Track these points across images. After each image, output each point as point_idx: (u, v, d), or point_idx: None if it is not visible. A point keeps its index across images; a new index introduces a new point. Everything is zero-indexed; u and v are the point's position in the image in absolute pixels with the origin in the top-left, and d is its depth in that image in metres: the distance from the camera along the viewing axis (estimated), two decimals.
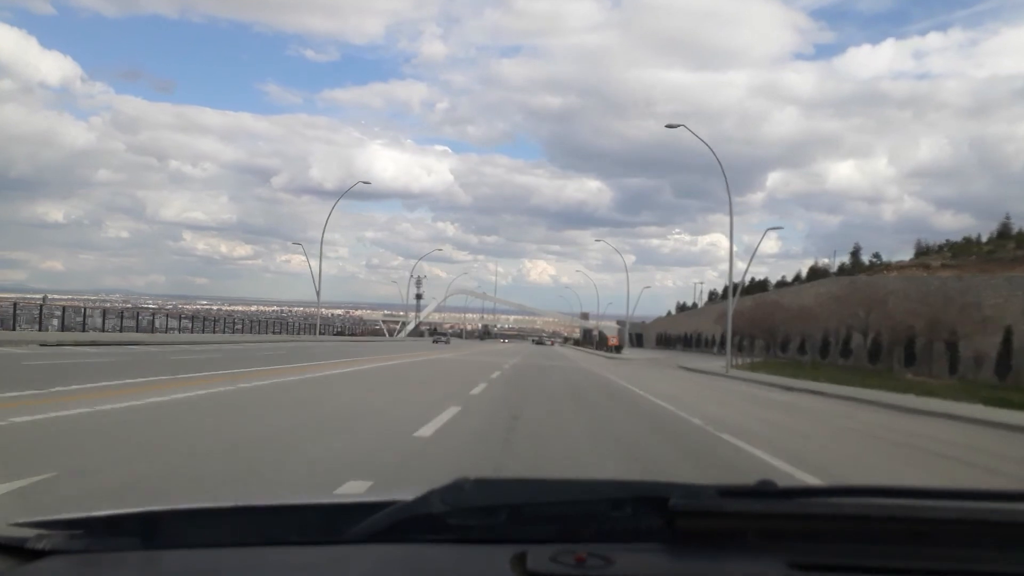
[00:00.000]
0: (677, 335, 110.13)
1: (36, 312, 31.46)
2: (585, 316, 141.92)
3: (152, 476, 4.42)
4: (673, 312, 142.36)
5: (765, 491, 1.01)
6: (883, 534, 0.96)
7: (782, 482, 1.02)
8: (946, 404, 15.74)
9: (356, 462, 5.22)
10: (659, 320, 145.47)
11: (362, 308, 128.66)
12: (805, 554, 0.94)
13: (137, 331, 34.08)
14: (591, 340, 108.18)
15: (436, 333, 69.87)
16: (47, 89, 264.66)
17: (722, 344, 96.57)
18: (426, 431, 7.08)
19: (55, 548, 1.02)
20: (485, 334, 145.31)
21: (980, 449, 9.41)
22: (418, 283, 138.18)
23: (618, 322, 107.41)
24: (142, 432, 6.15)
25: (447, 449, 6.14)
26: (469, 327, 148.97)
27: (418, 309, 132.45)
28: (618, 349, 59.77)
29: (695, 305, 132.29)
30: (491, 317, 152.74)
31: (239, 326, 50.68)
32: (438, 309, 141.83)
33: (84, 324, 33.46)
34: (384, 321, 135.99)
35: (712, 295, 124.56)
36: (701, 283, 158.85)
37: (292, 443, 5.98)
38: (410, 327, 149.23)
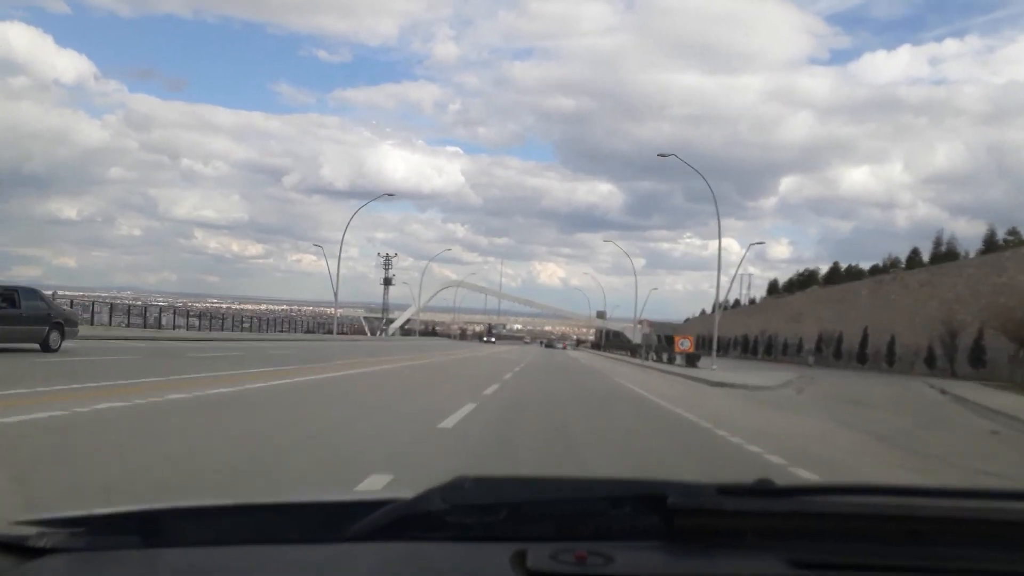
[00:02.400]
0: (727, 338, 78.40)
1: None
2: (602, 315, 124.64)
3: None
4: (707, 311, 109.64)
5: (764, 489, 1.02)
6: (882, 532, 0.98)
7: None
8: None
9: None
10: (694, 321, 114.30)
11: (374, 308, 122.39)
12: (804, 552, 0.95)
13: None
14: (621, 344, 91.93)
15: None
16: (62, 87, 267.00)
17: (819, 351, 61.79)
18: None
19: (56, 546, 1.04)
20: (489, 334, 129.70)
21: None
22: (386, 263, 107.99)
23: (639, 322, 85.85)
24: None
25: None
26: (479, 327, 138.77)
27: (386, 296, 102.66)
28: (691, 360, 29.67)
29: (737, 303, 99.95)
30: (497, 318, 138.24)
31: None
32: (445, 309, 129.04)
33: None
34: (366, 318, 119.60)
35: (774, 287, 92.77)
36: (750, 274, 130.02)
37: None
38: (396, 324, 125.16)
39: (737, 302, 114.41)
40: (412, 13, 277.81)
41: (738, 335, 75.38)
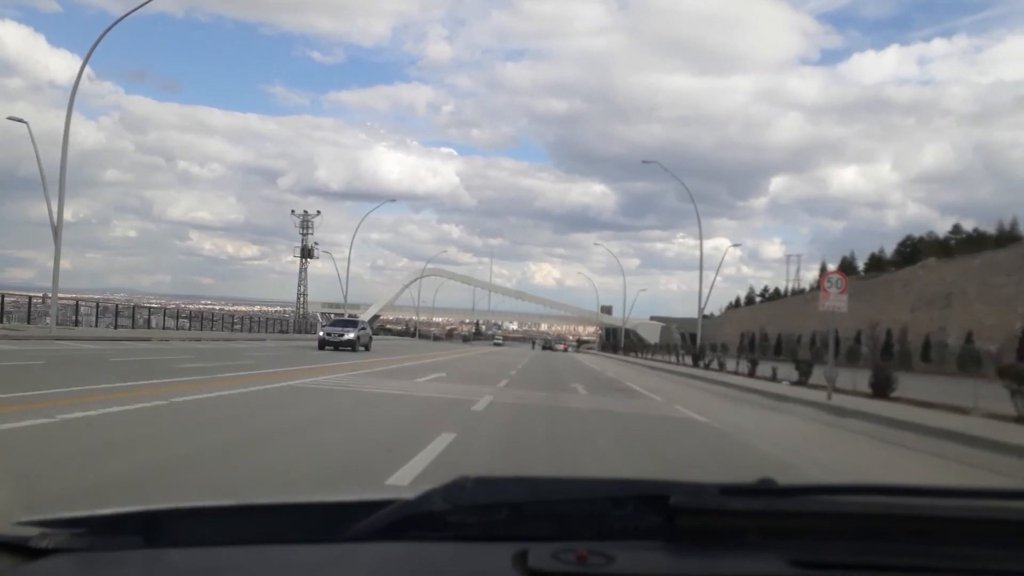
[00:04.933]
0: (792, 335, 52.02)
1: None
2: (608, 310, 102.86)
3: None
4: (738, 303, 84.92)
5: (766, 489, 1.05)
6: (884, 532, 1.00)
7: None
8: None
9: None
10: (731, 314, 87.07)
11: (338, 304, 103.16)
12: (806, 552, 0.96)
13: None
14: (631, 344, 75.36)
15: None
16: (56, 88, 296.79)
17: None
18: None
19: (58, 546, 1.06)
20: (476, 335, 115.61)
21: None
22: (304, 224, 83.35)
23: (653, 318, 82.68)
24: None
25: None
26: (468, 325, 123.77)
27: (304, 273, 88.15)
28: None
29: (774, 293, 73.62)
30: (486, 313, 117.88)
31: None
32: (433, 307, 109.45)
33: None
34: (323, 314, 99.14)
35: (849, 266, 65.55)
36: (798, 256, 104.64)
37: None
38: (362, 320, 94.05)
39: (776, 292, 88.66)
40: (405, 13, 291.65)
41: (818, 330, 49.27)
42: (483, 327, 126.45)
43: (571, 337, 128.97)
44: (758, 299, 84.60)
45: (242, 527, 1.11)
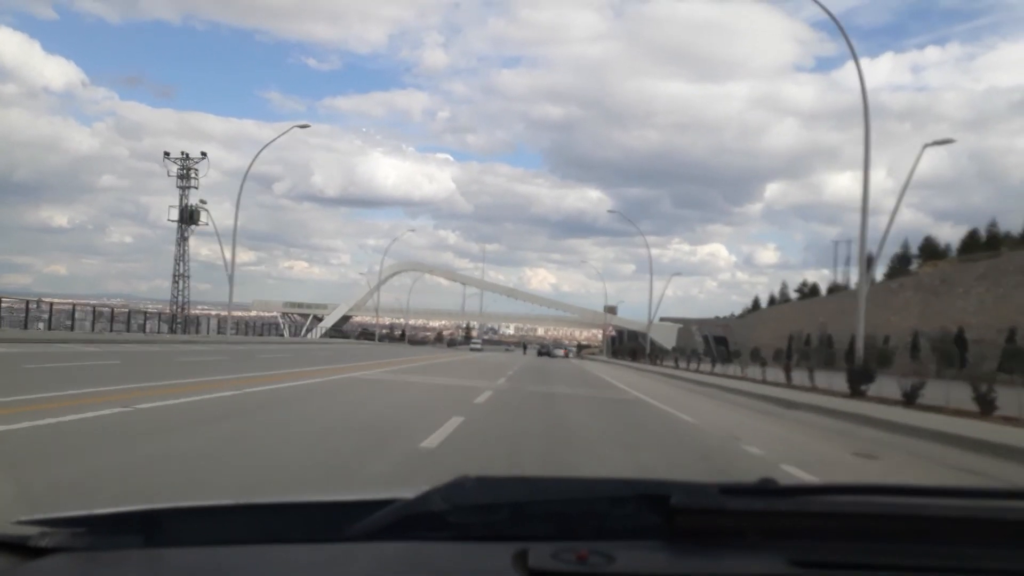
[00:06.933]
0: (874, 336, 30.70)
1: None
2: (612, 310, 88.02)
3: None
4: (762, 304, 67.55)
5: (766, 489, 1.07)
6: (884, 532, 1.02)
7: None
8: None
9: None
10: (766, 314, 65.34)
11: (301, 305, 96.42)
12: (806, 552, 0.98)
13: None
14: (637, 349, 64.64)
15: None
16: (51, 94, 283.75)
17: None
18: None
19: (58, 546, 1.09)
20: (467, 339, 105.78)
21: None
22: (183, 173, 60.61)
23: (663, 320, 69.72)
24: None
25: None
26: (463, 332, 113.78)
27: (184, 254, 56.51)
28: None
29: (812, 289, 54.88)
30: (478, 315, 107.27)
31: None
32: (416, 310, 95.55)
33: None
34: (286, 313, 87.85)
35: (931, 250, 42.83)
36: (848, 241, 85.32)
37: None
38: (327, 322, 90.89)
39: (815, 288, 73.28)
40: (402, 20, 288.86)
41: (921, 329, 34.43)
42: (476, 331, 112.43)
43: (567, 342, 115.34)
44: (794, 295, 70.95)
45: (242, 527, 1.11)
